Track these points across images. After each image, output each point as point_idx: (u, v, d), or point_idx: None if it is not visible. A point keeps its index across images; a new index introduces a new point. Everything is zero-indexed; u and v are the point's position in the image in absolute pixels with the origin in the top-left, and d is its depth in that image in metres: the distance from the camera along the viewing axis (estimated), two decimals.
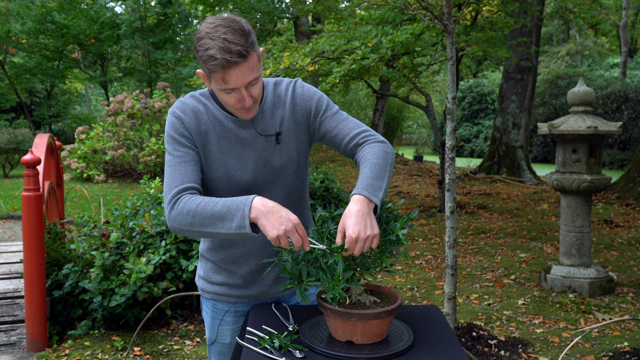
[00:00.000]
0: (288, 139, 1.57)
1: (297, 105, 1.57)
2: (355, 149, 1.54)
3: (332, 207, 1.45)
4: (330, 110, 1.58)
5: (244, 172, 1.53)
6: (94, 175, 11.59)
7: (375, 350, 1.26)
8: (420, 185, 11.37)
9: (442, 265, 5.35)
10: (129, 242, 3.71)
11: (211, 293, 1.67)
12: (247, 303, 1.67)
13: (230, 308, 1.66)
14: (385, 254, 1.35)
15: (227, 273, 1.63)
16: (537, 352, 3.30)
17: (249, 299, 1.65)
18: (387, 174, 1.44)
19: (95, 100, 29.94)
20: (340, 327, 1.29)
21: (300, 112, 1.58)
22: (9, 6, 17.52)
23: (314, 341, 1.31)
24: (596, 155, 4.28)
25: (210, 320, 1.69)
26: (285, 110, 1.57)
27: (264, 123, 1.55)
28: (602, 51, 30.32)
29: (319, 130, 1.59)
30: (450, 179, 3.14)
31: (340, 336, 1.30)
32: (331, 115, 1.58)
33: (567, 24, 17.08)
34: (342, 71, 5.44)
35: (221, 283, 1.64)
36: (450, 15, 3.13)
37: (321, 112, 1.58)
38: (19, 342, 3.42)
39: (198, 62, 1.48)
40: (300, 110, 1.57)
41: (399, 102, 19.16)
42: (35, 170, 3.41)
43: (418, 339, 1.34)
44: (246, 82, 1.39)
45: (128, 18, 18.15)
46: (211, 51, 1.33)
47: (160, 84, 12.19)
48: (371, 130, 1.57)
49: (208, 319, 1.70)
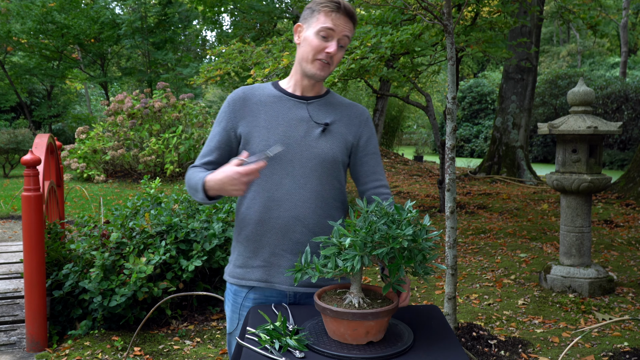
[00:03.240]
0: (334, 135, 1.67)
1: (354, 120, 1.72)
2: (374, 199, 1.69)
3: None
4: (376, 149, 1.77)
5: (285, 151, 1.61)
6: (94, 175, 11.59)
7: (375, 350, 1.26)
8: (420, 185, 11.38)
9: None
10: (129, 242, 3.71)
11: (232, 277, 1.71)
12: (266, 291, 1.67)
13: (248, 293, 1.68)
14: (418, 272, 1.32)
15: (249, 254, 1.67)
16: (537, 352, 3.30)
17: (265, 284, 1.66)
18: None
19: (95, 100, 29.94)
20: (333, 326, 1.29)
21: (354, 128, 1.72)
22: (9, 6, 17.51)
23: (314, 341, 1.31)
24: (596, 155, 4.28)
25: (230, 311, 1.72)
26: (343, 116, 1.71)
27: (319, 112, 1.67)
28: (602, 51, 30.31)
29: (356, 156, 1.74)
30: (450, 179, 3.14)
31: (338, 336, 1.30)
32: (374, 153, 1.76)
33: (567, 24, 17.07)
34: (342, 70, 5.44)
35: (242, 265, 1.68)
36: (450, 15, 3.13)
37: (367, 144, 1.75)
38: (19, 342, 3.42)
39: (299, 20, 1.68)
40: (355, 127, 1.72)
41: (399, 102, 19.15)
42: (35, 170, 3.40)
43: (418, 339, 1.34)
44: (343, 34, 1.60)
45: (128, 18, 18.16)
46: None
47: (160, 84, 12.19)
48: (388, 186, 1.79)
49: (229, 309, 1.73)
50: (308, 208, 1.63)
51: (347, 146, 1.70)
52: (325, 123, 1.65)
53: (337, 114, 1.70)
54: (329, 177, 1.66)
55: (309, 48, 1.61)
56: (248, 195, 1.66)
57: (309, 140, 1.63)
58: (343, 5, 1.59)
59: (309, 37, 1.61)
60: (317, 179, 1.63)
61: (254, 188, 1.65)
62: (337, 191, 1.69)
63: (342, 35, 1.60)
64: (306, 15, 1.63)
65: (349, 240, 1.27)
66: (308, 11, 1.63)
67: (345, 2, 1.60)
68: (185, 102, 11.95)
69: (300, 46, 1.65)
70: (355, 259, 1.25)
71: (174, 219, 3.87)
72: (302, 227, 1.62)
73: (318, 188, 1.64)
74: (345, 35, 1.61)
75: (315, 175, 1.63)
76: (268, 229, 1.63)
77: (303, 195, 1.62)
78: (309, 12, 1.63)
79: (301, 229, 1.62)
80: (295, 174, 1.62)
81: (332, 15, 1.58)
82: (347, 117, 1.71)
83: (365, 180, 1.74)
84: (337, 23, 1.58)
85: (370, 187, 1.74)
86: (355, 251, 1.27)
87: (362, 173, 1.74)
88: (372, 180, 1.74)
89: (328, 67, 1.62)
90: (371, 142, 1.75)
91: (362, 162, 1.74)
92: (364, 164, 1.74)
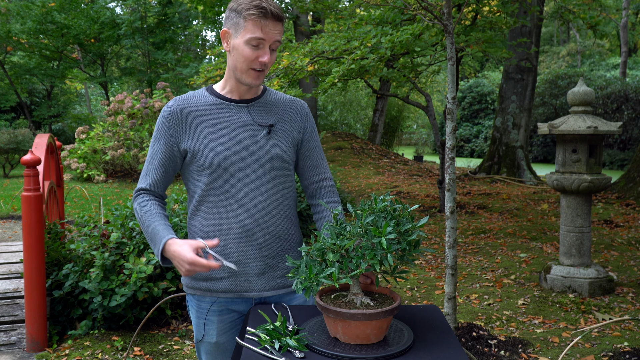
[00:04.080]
0: (280, 135, 1.65)
1: (295, 116, 1.71)
2: (318, 192, 1.75)
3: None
4: (318, 142, 1.77)
5: (234, 158, 1.58)
6: (94, 175, 11.59)
7: (375, 350, 1.26)
8: (420, 185, 11.37)
9: (442, 265, 5.36)
10: (129, 242, 3.71)
11: (194, 289, 1.66)
12: (232, 300, 1.65)
13: (212, 306, 1.65)
14: (405, 259, 1.33)
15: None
16: (537, 352, 3.30)
17: (232, 294, 1.63)
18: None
19: (95, 100, 29.93)
20: (338, 327, 1.29)
21: (296, 124, 1.70)
22: (9, 6, 17.52)
23: (314, 341, 1.31)
24: (596, 155, 4.28)
25: (195, 319, 1.69)
26: (285, 114, 1.69)
27: (261, 113, 1.64)
28: (603, 51, 30.32)
29: (300, 151, 1.73)
30: (450, 179, 3.14)
31: (341, 336, 1.30)
32: (317, 147, 1.75)
33: (567, 24, 17.08)
34: (342, 71, 5.44)
35: (205, 278, 1.64)
36: (450, 15, 3.13)
37: (310, 138, 1.74)
38: (19, 342, 3.42)
39: (224, 22, 1.60)
40: (298, 123, 1.71)
41: (399, 102, 19.15)
42: (35, 170, 3.40)
43: (418, 339, 1.34)
44: (274, 39, 1.54)
45: (128, 18, 18.15)
46: (256, 1, 1.51)
47: (160, 84, 12.19)
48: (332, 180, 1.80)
49: (194, 317, 1.70)
50: (266, 212, 1.61)
51: (294, 143, 1.69)
52: (270, 124, 1.63)
53: (278, 113, 1.67)
54: (281, 177, 1.64)
55: (241, 58, 1.55)
56: (202, 208, 1.62)
57: (256, 144, 1.60)
58: (270, 10, 1.50)
59: (239, 46, 1.54)
60: (270, 182, 1.62)
61: (208, 199, 1.61)
62: (289, 190, 1.68)
63: (273, 40, 1.54)
64: (232, 21, 1.54)
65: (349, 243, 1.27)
66: (234, 14, 1.54)
67: (271, 5, 1.51)
68: None
69: (230, 54, 1.58)
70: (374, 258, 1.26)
71: (174, 219, 3.87)
72: (263, 232, 1.61)
73: (273, 190, 1.62)
74: (276, 40, 1.55)
75: (268, 178, 1.62)
76: (229, 240, 1.60)
77: (260, 201, 1.60)
78: (235, 16, 1.53)
79: (262, 234, 1.61)
80: (249, 180, 1.59)
81: (260, 23, 1.50)
82: (289, 115, 1.69)
83: (309, 175, 1.74)
84: (266, 30, 1.51)
85: (315, 181, 1.75)
86: (359, 253, 1.27)
87: (305, 167, 1.74)
88: (316, 174, 1.74)
89: (263, 73, 1.58)
90: (313, 135, 1.74)
91: (305, 156, 1.73)
92: (307, 158, 1.73)
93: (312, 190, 1.76)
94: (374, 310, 1.26)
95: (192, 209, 1.66)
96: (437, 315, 1.50)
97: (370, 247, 1.27)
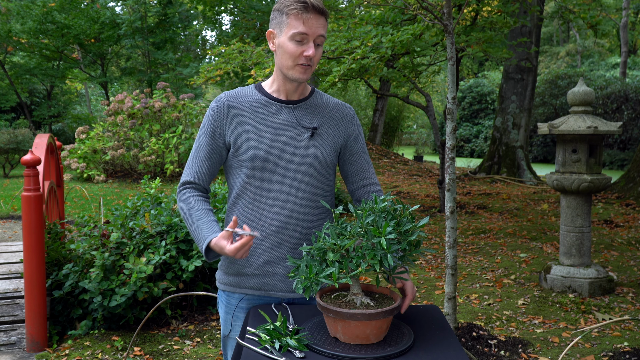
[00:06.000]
0: (323, 138, 1.66)
1: (341, 120, 1.72)
2: (365, 197, 1.75)
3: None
4: (364, 146, 1.77)
5: (274, 157, 1.60)
6: (94, 175, 11.59)
7: (375, 350, 1.26)
8: (420, 185, 11.37)
9: (442, 265, 5.35)
10: (129, 242, 3.71)
11: (225, 284, 1.69)
12: (260, 298, 1.66)
13: (241, 302, 1.67)
14: (406, 259, 1.33)
15: (243, 262, 1.65)
16: (537, 352, 3.30)
17: (260, 292, 1.65)
18: None
19: (95, 100, 29.94)
20: (339, 327, 1.29)
21: (341, 128, 1.71)
22: (9, 6, 17.51)
23: (314, 341, 1.31)
24: (596, 155, 4.28)
25: (224, 314, 1.71)
26: (330, 117, 1.70)
27: (306, 116, 1.66)
28: (602, 51, 30.31)
29: (344, 155, 1.74)
30: (450, 179, 3.14)
31: (342, 336, 1.30)
32: (362, 151, 1.76)
33: (567, 24, 17.06)
34: (342, 70, 5.44)
35: (235, 273, 1.66)
36: (450, 15, 3.13)
37: (356, 142, 1.75)
38: (19, 342, 3.42)
39: (270, 24, 1.62)
40: (343, 128, 1.71)
41: (399, 102, 19.16)
42: (35, 170, 3.40)
43: (418, 339, 1.34)
44: (318, 34, 1.55)
45: (128, 18, 18.16)
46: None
47: (160, 84, 12.19)
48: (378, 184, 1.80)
49: (222, 312, 1.72)
50: (301, 214, 1.62)
51: (336, 147, 1.69)
52: (314, 127, 1.64)
53: (323, 116, 1.69)
54: (320, 180, 1.65)
55: (287, 55, 1.57)
56: (239, 203, 1.65)
57: (298, 145, 1.62)
58: (311, 3, 1.52)
59: (284, 43, 1.56)
60: (308, 184, 1.63)
61: (245, 195, 1.63)
62: (327, 193, 1.69)
63: (317, 35, 1.55)
64: (276, 20, 1.58)
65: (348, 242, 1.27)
66: (277, 14, 1.57)
67: (314, 0, 1.53)
68: (186, 102, 11.95)
69: (277, 53, 1.60)
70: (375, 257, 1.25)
71: (174, 219, 3.87)
72: (295, 233, 1.62)
73: (310, 193, 1.63)
74: (320, 34, 1.56)
75: (306, 180, 1.62)
76: (261, 237, 1.62)
77: (295, 202, 1.62)
78: (278, 15, 1.56)
79: (295, 235, 1.62)
80: (287, 181, 1.61)
81: (302, 17, 1.52)
82: (334, 118, 1.70)
83: (355, 179, 1.75)
84: (309, 25, 1.53)
85: (361, 186, 1.75)
86: (359, 253, 1.27)
87: (351, 172, 1.75)
88: (362, 178, 1.75)
89: (310, 68, 1.59)
90: (359, 140, 1.75)
91: (351, 161, 1.74)
92: (352, 162, 1.74)
93: (358, 195, 1.76)
94: (373, 310, 1.26)
95: (230, 204, 1.69)
96: (437, 315, 1.50)
97: (371, 247, 1.27)
